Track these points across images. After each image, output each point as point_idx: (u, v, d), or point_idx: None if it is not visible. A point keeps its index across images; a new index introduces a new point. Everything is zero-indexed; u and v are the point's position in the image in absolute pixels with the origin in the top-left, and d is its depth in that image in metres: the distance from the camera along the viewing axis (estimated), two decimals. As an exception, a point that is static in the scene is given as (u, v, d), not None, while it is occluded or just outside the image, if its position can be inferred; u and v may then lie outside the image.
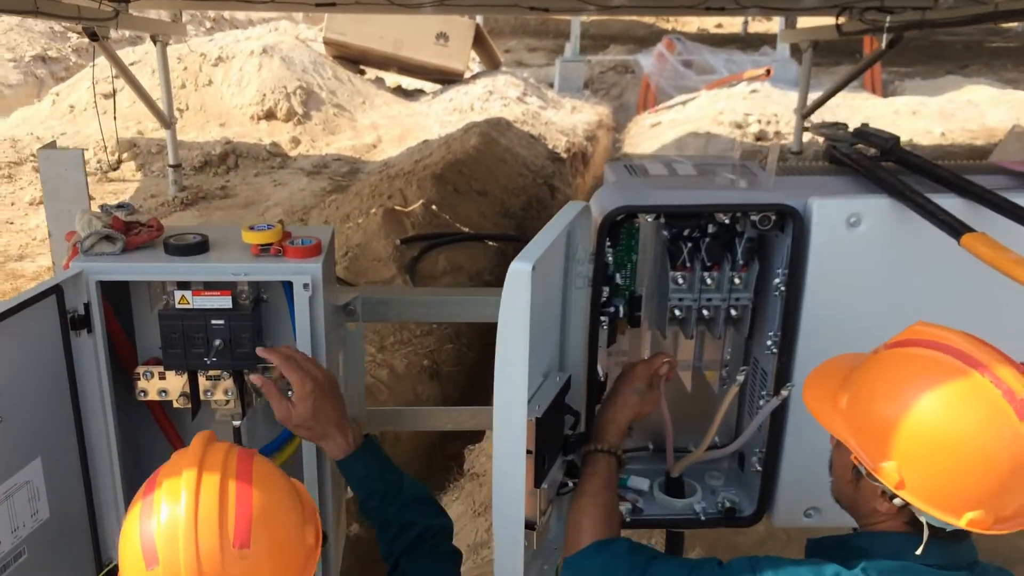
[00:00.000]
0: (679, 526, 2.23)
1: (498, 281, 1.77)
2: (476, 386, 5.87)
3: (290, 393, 1.84)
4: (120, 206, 1.94)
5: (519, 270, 1.53)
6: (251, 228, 1.94)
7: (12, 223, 8.19)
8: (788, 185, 1.97)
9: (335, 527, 2.16)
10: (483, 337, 5.94)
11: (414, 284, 6.17)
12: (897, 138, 2.10)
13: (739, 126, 12.12)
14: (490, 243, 7.31)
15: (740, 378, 1.92)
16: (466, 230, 7.37)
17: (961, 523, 1.38)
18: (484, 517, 4.03)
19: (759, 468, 2.11)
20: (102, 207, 1.94)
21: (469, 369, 5.91)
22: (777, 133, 11.89)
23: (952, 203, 1.82)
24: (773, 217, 1.89)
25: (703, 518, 2.14)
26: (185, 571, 1.29)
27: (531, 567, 1.91)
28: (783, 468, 2.09)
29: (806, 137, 9.53)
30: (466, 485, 4.21)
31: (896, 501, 1.45)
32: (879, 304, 1.90)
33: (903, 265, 1.89)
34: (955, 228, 1.66)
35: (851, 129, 2.25)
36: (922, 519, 1.43)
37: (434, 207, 7.36)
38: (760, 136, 11.93)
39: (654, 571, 1.62)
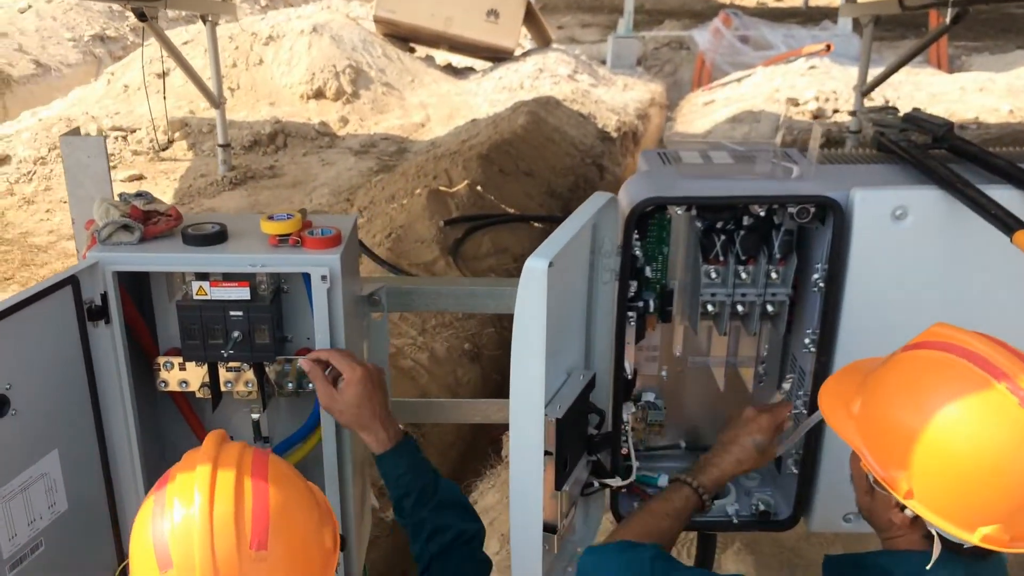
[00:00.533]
0: (711, 528, 2.16)
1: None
2: (518, 370, 5.78)
3: (340, 382, 1.83)
4: (139, 195, 1.91)
5: (535, 267, 1.47)
6: (270, 218, 1.90)
7: (66, 201, 8.34)
8: (829, 175, 1.86)
9: (357, 526, 2.12)
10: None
11: (457, 266, 6.13)
12: (950, 124, 1.97)
13: (795, 103, 11.79)
14: (536, 224, 7.22)
15: (786, 386, 1.82)
16: (511, 211, 7.29)
17: (975, 539, 1.29)
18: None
19: (795, 470, 2.02)
20: (121, 195, 1.91)
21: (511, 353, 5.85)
22: (836, 111, 11.54)
23: (1008, 195, 1.70)
24: (812, 209, 1.79)
25: (735, 520, 2.07)
26: (201, 574, 1.25)
27: (553, 569, 1.86)
28: (822, 470, 2.00)
29: (865, 116, 9.21)
30: (502, 472, 4.16)
31: (907, 512, 1.36)
32: (925, 303, 1.79)
33: (952, 261, 1.77)
34: (1007, 223, 1.54)
35: (902, 113, 2.13)
36: (933, 531, 1.35)
37: (479, 188, 7.29)
38: (818, 114, 11.59)
39: None
